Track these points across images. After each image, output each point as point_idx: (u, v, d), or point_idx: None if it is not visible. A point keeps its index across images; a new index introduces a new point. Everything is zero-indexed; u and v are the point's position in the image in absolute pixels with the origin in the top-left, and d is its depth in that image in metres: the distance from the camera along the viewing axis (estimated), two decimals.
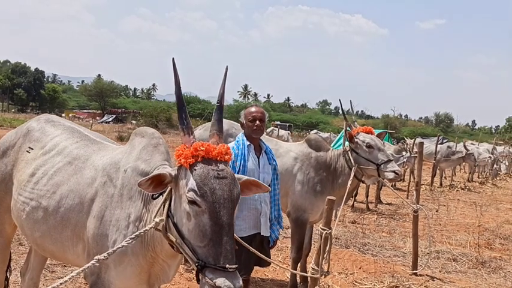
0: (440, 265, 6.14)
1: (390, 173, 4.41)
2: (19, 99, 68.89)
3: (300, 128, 59.13)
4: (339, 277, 5.35)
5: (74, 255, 2.54)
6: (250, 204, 3.37)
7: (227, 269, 1.82)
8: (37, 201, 2.60)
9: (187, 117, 2.10)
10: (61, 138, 2.83)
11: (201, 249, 1.87)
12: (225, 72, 2.35)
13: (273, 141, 4.89)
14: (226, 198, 1.90)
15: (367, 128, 4.73)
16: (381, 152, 4.47)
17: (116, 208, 2.31)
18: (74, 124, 3.10)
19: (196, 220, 1.89)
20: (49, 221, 2.54)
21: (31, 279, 3.39)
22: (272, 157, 3.59)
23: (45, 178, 2.63)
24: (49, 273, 4.71)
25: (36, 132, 2.93)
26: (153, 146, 2.42)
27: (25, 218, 2.66)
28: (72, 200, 2.48)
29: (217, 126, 2.16)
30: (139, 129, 2.60)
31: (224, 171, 1.97)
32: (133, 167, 2.35)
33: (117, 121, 50.17)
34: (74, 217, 2.46)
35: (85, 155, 2.64)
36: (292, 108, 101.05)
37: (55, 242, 2.57)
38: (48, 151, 2.76)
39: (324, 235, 3.23)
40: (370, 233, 7.69)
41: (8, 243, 3.22)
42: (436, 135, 17.69)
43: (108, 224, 2.30)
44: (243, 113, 3.58)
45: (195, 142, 2.02)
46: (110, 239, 2.28)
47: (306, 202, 4.55)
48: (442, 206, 11.09)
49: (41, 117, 3.15)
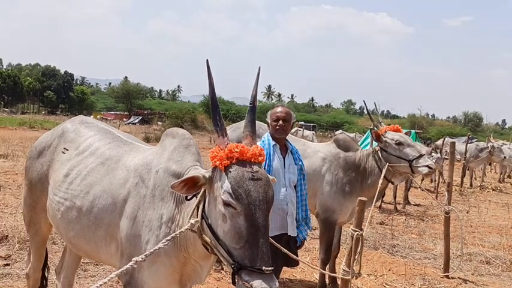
0: (472, 268, 6.00)
1: (424, 168, 4.35)
2: (49, 102, 70.61)
3: (325, 128, 58.75)
4: (368, 279, 5.29)
5: (107, 255, 2.57)
6: (276, 205, 3.33)
7: (264, 271, 1.82)
8: (71, 201, 2.65)
9: (221, 119, 2.10)
10: (94, 139, 2.88)
11: (236, 251, 1.87)
12: (258, 73, 2.34)
13: (301, 142, 4.87)
14: (261, 200, 1.90)
15: (394, 126, 4.68)
16: (411, 147, 4.41)
17: (148, 209, 2.33)
18: (106, 125, 3.15)
19: (232, 222, 1.90)
20: (83, 220, 2.59)
21: (66, 278, 3.47)
22: (298, 157, 3.57)
23: (78, 178, 2.68)
24: (82, 272, 4.79)
25: (71, 133, 2.99)
26: (184, 147, 2.43)
27: (60, 217, 2.72)
28: (105, 200, 2.52)
29: (251, 127, 2.16)
30: (170, 130, 2.61)
31: (258, 172, 1.97)
32: (165, 168, 2.37)
33: (143, 122, 50.83)
34: (107, 217, 2.49)
35: (117, 156, 2.68)
36: (316, 109, 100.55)
37: (89, 241, 2.61)
38: (82, 152, 2.81)
39: (355, 236, 3.19)
40: (399, 235, 7.57)
41: (44, 241, 3.30)
42: (466, 134, 17.32)
43: (141, 224, 2.32)
44: (269, 113, 3.60)
45: (230, 144, 2.02)
46: (143, 240, 2.30)
47: (334, 203, 4.51)
48: (473, 208, 10.82)
49: (75, 118, 3.22)
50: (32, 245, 3.29)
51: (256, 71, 2.36)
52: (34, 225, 3.15)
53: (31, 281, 3.34)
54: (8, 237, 5.48)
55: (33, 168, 3.06)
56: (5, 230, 5.66)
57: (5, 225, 5.80)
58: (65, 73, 77.06)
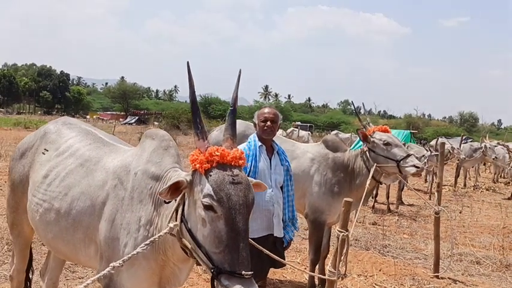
0: (463, 268, 6.01)
1: (411, 168, 4.34)
2: (45, 102, 70.51)
3: (321, 129, 58.71)
4: (358, 279, 5.29)
5: (86, 257, 2.55)
6: (262, 206, 3.35)
7: (243, 276, 1.81)
8: (49, 202, 2.62)
9: (201, 122, 2.08)
10: (75, 140, 2.85)
11: (216, 255, 1.86)
12: (239, 75, 2.34)
13: (290, 143, 4.87)
14: (241, 204, 1.89)
15: (382, 127, 4.67)
16: (398, 148, 4.42)
17: (126, 211, 2.31)
18: (90, 126, 3.12)
19: (212, 226, 1.88)
20: (61, 222, 2.56)
21: (50, 280, 3.45)
22: (285, 158, 3.56)
23: (57, 180, 2.66)
24: (70, 273, 4.79)
25: (52, 135, 2.96)
26: (163, 149, 2.41)
27: (38, 219, 2.69)
28: (84, 203, 2.49)
29: (231, 130, 2.15)
30: (150, 131, 2.59)
31: (239, 176, 1.96)
32: (144, 170, 2.35)
33: (139, 122, 50.72)
34: (86, 219, 2.47)
35: (96, 157, 2.65)
36: (313, 109, 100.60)
37: (67, 243, 2.59)
38: (62, 153, 2.79)
39: (341, 237, 3.19)
40: (391, 235, 7.58)
41: (27, 243, 3.26)
42: (460, 135, 17.35)
43: (119, 227, 2.30)
44: (256, 113, 3.58)
45: (210, 147, 2.01)
46: (121, 243, 2.28)
47: (323, 203, 4.51)
48: (466, 208, 10.84)
49: (59, 119, 3.19)
50: (15, 246, 3.26)
51: (237, 73, 2.35)
52: (17, 227, 3.13)
53: (15, 283, 3.31)
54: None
55: (15, 170, 3.04)
56: None
57: None
58: (61, 73, 76.98)
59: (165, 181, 2.28)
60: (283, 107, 72.62)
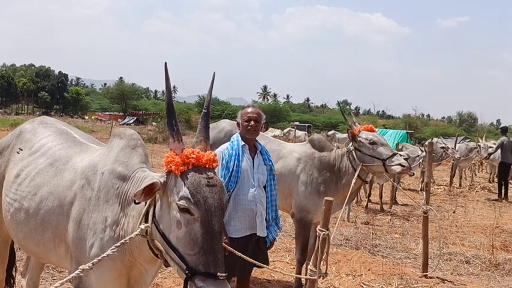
0: (452, 267, 6.01)
1: (397, 167, 4.35)
2: (43, 102, 70.51)
3: (320, 129, 58.69)
4: (347, 279, 5.29)
5: (57, 257, 2.54)
6: (245, 205, 3.35)
7: (218, 277, 1.83)
8: (19, 202, 2.61)
9: (177, 123, 2.08)
10: (48, 139, 2.83)
11: (191, 257, 1.87)
12: (212, 79, 2.35)
13: (276, 142, 4.87)
14: (217, 206, 1.91)
15: (368, 126, 4.68)
16: (384, 146, 4.42)
17: (93, 211, 2.30)
18: (67, 126, 3.10)
19: (188, 228, 1.89)
20: (30, 222, 2.55)
21: (31, 279, 3.44)
22: (268, 157, 3.55)
23: (27, 179, 2.64)
24: (57, 273, 4.78)
25: (27, 134, 2.95)
26: (131, 148, 2.40)
27: (10, 218, 2.68)
28: (52, 203, 2.48)
29: (205, 133, 2.16)
30: (118, 131, 2.58)
31: (213, 179, 1.98)
32: (111, 170, 2.34)
33: (138, 123, 50.73)
34: (54, 219, 2.46)
35: (66, 157, 2.63)
36: (311, 109, 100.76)
37: (37, 243, 2.58)
38: (35, 152, 2.77)
39: (321, 236, 3.18)
40: (382, 235, 7.58)
41: (6, 243, 3.24)
42: (461, 135, 17.36)
43: (86, 227, 2.29)
44: (239, 113, 3.57)
45: (185, 149, 2.01)
46: (88, 243, 2.27)
47: (309, 203, 4.51)
48: (460, 207, 10.85)
49: (36, 119, 3.18)
50: None
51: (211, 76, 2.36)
52: None
53: None
54: None
55: None
56: None
57: None
58: (60, 74, 76.97)
59: (134, 181, 2.28)
60: (282, 107, 72.64)
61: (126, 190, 2.27)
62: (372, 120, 58.94)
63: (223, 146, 3.47)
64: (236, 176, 3.35)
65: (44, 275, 4.44)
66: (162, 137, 25.00)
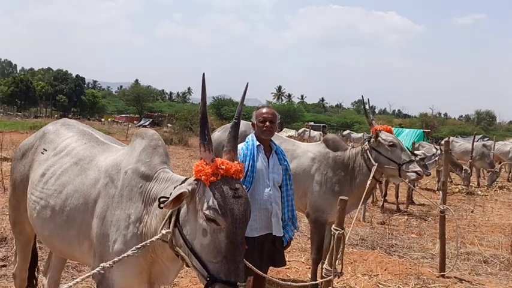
0: (470, 267, 5.95)
1: (412, 174, 4.33)
2: (61, 105, 71.44)
3: (335, 129, 58.45)
4: (363, 278, 5.28)
5: (81, 253, 2.62)
6: (260, 205, 3.37)
7: (237, 286, 1.88)
8: (46, 200, 2.71)
9: (209, 133, 2.11)
10: (72, 140, 2.94)
11: (213, 264, 1.92)
12: (245, 90, 2.39)
13: (290, 142, 4.89)
14: (241, 219, 1.97)
15: (387, 127, 4.65)
16: (403, 151, 4.40)
17: (116, 208, 2.38)
18: (88, 127, 3.21)
19: (213, 237, 1.94)
20: (56, 219, 2.64)
21: (52, 278, 3.53)
22: (283, 157, 3.57)
23: (53, 178, 2.74)
24: (77, 273, 4.87)
25: (51, 135, 3.06)
26: (152, 148, 2.48)
27: (36, 216, 2.78)
28: (77, 200, 2.57)
29: (233, 143, 2.19)
30: (140, 131, 2.66)
31: (239, 190, 2.02)
32: (134, 169, 2.42)
33: (153, 125, 51.12)
34: (79, 216, 2.54)
35: (90, 156, 2.73)
36: (326, 109, 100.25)
37: (62, 240, 2.67)
38: (59, 152, 2.88)
39: (336, 235, 3.19)
40: (399, 234, 7.54)
41: (29, 241, 3.34)
42: (479, 133, 17.13)
43: (109, 224, 2.37)
44: (254, 113, 3.59)
45: (216, 159, 2.05)
46: (111, 239, 2.35)
47: (324, 202, 4.52)
48: (478, 207, 10.72)
49: (58, 120, 3.29)
50: (17, 245, 3.35)
51: (244, 87, 2.39)
52: (18, 226, 3.22)
53: (18, 281, 3.40)
54: (7, 239, 5.57)
55: (16, 170, 3.13)
56: (4, 232, 5.76)
57: (4, 228, 5.89)
58: (77, 77, 77.89)
59: (157, 181, 2.35)
60: (296, 107, 72.46)
61: (149, 189, 2.34)
62: (388, 119, 58.50)
63: (238, 146, 3.50)
64: (251, 176, 3.37)
65: (64, 274, 4.52)
66: (177, 139, 25.19)
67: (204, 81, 2.10)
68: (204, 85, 2.10)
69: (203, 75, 2.11)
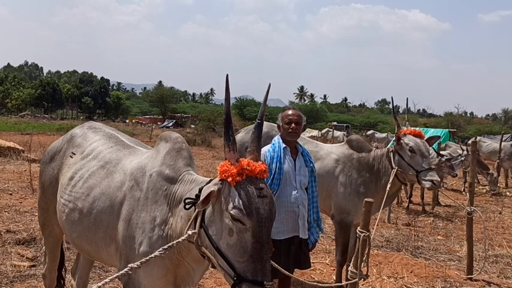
0: (498, 270, 5.81)
1: (428, 182, 4.22)
2: (87, 107, 72.85)
3: (358, 129, 57.89)
4: (388, 281, 5.22)
5: (108, 255, 2.67)
6: (287, 207, 3.36)
7: (264, 286, 1.89)
8: (74, 203, 2.77)
9: (233, 134, 2.12)
10: (99, 143, 2.99)
11: (240, 264, 1.93)
12: (267, 90, 2.38)
13: (313, 143, 4.86)
14: (267, 218, 1.97)
15: (416, 130, 4.53)
16: (424, 158, 4.29)
17: (142, 211, 2.41)
18: (114, 130, 3.26)
19: (239, 236, 1.95)
20: (84, 222, 2.70)
21: (80, 278, 3.60)
22: (309, 159, 3.56)
23: (81, 181, 2.80)
24: (104, 273, 4.95)
25: (78, 138, 3.13)
26: (176, 151, 2.50)
27: (65, 219, 2.84)
28: (104, 203, 2.61)
29: (257, 143, 2.20)
30: (164, 134, 2.69)
31: (264, 190, 2.03)
32: (159, 172, 2.44)
33: (177, 126, 51.64)
34: (106, 219, 2.59)
35: (116, 159, 2.78)
36: (349, 109, 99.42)
37: (90, 242, 2.72)
38: (87, 155, 2.94)
39: (362, 237, 3.16)
40: (425, 236, 7.42)
41: (58, 243, 3.43)
42: (506, 133, 16.72)
43: (135, 226, 2.40)
44: (280, 115, 3.59)
45: (241, 159, 2.06)
46: (137, 241, 2.38)
47: (349, 204, 4.48)
48: (507, 208, 10.46)
49: (85, 124, 3.36)
50: (46, 246, 3.43)
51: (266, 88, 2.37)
52: (47, 227, 3.30)
53: (47, 281, 3.49)
54: (36, 239, 5.71)
55: (45, 172, 3.21)
56: (34, 232, 5.90)
57: (33, 228, 6.04)
58: (101, 79, 79.33)
59: (182, 183, 2.37)
60: (319, 107, 72.09)
61: (174, 191, 2.36)
62: (413, 119, 57.54)
63: (264, 148, 3.48)
64: (278, 178, 3.37)
65: (92, 274, 4.61)
66: (200, 139, 25.39)
67: (228, 82, 2.12)
68: (228, 86, 2.12)
69: (227, 76, 2.12)
